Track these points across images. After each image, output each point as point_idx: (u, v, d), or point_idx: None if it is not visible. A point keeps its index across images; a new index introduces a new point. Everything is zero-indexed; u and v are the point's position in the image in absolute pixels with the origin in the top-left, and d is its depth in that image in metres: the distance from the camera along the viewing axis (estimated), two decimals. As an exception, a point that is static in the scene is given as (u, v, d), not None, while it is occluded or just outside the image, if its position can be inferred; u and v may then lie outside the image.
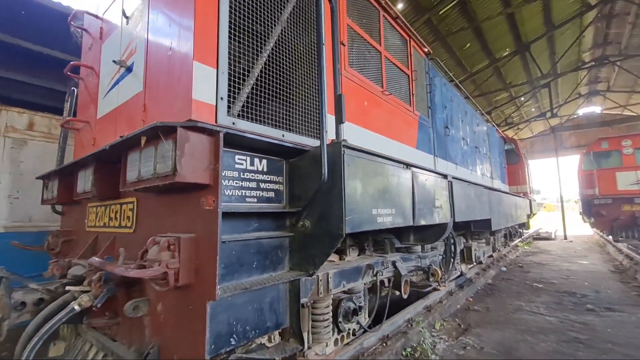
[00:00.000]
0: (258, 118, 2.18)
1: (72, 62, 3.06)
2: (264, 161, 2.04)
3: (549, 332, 3.83)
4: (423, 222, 2.92)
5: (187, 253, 1.57)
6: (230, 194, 1.81)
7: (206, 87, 1.87)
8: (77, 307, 1.76)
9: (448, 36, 12.00)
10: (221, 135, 1.58)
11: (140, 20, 2.42)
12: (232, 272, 1.75)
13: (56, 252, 2.98)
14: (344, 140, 1.96)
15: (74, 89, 3.47)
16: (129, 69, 2.45)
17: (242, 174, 1.89)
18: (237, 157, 1.87)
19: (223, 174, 1.76)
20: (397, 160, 2.57)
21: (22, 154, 4.98)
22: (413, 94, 4.53)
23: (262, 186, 2.00)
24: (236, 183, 1.85)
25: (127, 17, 2.56)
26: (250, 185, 1.93)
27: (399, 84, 4.23)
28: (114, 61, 2.46)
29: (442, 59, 12.53)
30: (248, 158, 1.94)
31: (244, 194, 1.89)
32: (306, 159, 2.11)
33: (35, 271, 2.85)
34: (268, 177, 2.05)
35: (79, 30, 3.35)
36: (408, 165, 2.78)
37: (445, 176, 3.61)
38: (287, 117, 2.39)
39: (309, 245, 2.03)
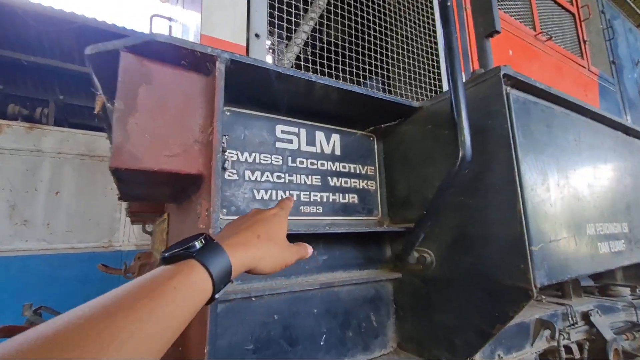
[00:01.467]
0: (329, 71, 1.28)
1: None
2: (336, 136, 1.09)
3: None
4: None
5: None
6: (265, 197, 0.92)
7: (228, 15, 1.08)
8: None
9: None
10: (219, 67, 0.72)
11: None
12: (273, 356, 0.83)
13: (136, 277, 2.71)
14: (504, 65, 0.84)
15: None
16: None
17: (290, 159, 0.99)
18: (279, 127, 0.98)
19: (243, 158, 0.90)
20: (609, 117, 1.24)
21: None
22: (584, 42, 2.88)
23: (332, 183, 1.06)
24: (278, 177, 0.95)
25: None
26: (309, 181, 1.01)
27: (559, 27, 2.71)
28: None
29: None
30: (303, 130, 1.03)
31: (295, 197, 0.97)
32: (417, 124, 1.07)
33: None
34: (345, 166, 1.09)
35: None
36: (629, 130, 1.38)
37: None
38: (380, 69, 1.41)
39: (435, 303, 0.94)
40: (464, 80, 0.90)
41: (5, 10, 4.40)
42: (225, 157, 0.87)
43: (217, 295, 0.41)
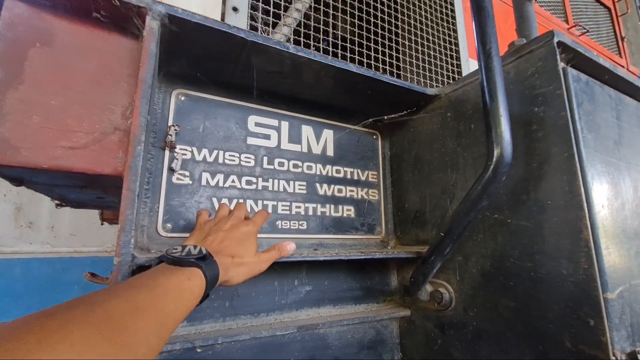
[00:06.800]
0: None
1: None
2: (328, 132, 0.87)
3: None
4: None
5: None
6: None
7: (199, -17, 0.88)
8: None
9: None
10: (150, 24, 0.51)
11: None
12: None
13: (124, 288, 2.52)
14: (558, 33, 0.61)
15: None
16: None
17: (266, 160, 0.76)
18: (253, 119, 0.76)
19: (200, 157, 0.68)
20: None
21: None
22: (622, 39, 2.59)
23: (322, 191, 0.83)
24: (248, 182, 0.73)
25: None
26: (291, 189, 0.78)
27: (594, 22, 2.43)
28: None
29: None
30: (285, 123, 0.80)
31: (270, 209, 0.75)
32: (434, 117, 0.83)
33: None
34: (339, 170, 0.86)
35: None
36: None
37: None
38: (389, 57, 1.19)
39: (454, 355, 0.69)
40: (505, 53, 0.66)
41: None
42: (174, 154, 0.65)
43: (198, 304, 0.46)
